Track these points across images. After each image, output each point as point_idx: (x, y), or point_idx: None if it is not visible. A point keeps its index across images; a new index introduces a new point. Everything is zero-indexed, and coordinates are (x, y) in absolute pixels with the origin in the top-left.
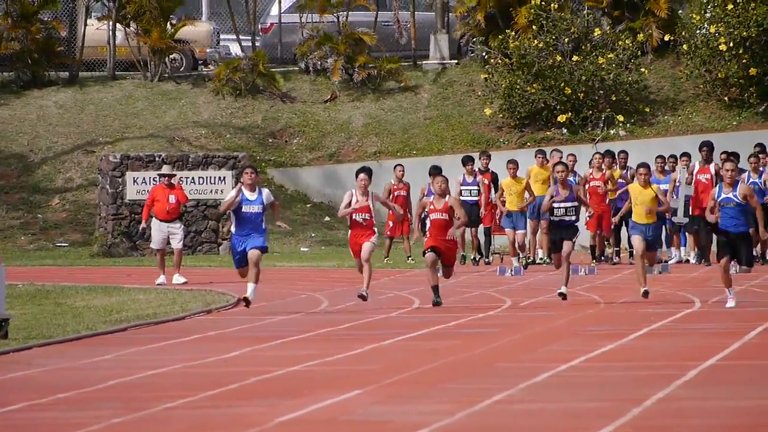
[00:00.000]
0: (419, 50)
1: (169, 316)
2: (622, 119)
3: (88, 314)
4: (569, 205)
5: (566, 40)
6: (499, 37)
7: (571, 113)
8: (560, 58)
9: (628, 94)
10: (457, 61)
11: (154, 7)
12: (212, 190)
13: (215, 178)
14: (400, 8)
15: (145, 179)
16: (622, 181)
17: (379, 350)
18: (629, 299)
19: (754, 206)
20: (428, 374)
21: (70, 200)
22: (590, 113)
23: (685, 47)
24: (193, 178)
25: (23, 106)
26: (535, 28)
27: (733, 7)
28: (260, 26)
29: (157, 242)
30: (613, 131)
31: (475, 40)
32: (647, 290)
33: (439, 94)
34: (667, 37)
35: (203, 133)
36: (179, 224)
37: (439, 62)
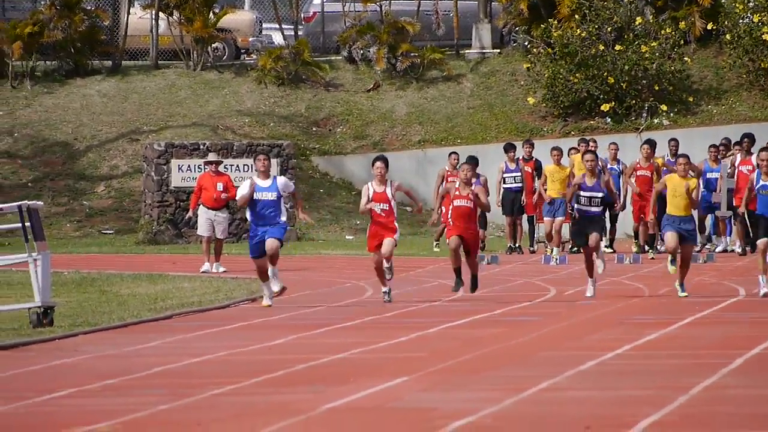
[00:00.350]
0: (462, 39)
1: (213, 304)
2: (665, 108)
3: (133, 302)
4: (594, 194)
5: (609, 29)
6: (541, 26)
7: (614, 102)
8: (603, 47)
9: (671, 83)
10: (499, 50)
11: None
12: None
13: None
14: None
15: (189, 167)
16: (665, 169)
17: (423, 338)
18: (673, 288)
19: None
20: (473, 362)
21: (115, 188)
22: (633, 102)
23: (728, 36)
24: (237, 166)
25: (67, 94)
26: (577, 17)
27: None
28: (303, 15)
29: (203, 229)
30: (656, 120)
31: (517, 29)
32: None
33: (482, 83)
34: (710, 26)
35: (247, 121)
36: (225, 213)
37: (481, 51)
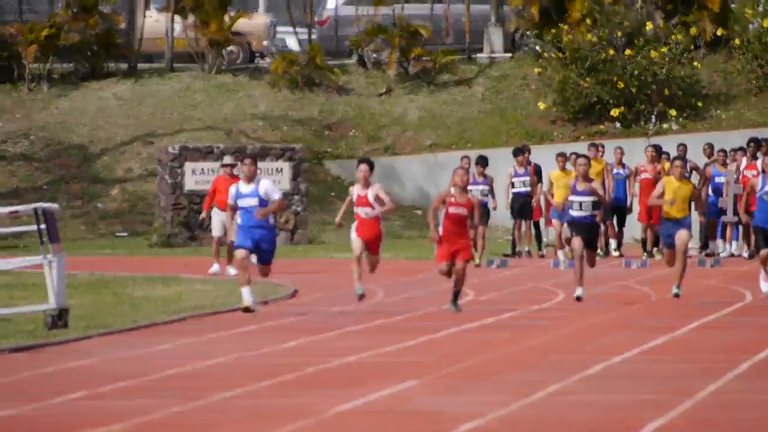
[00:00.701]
0: (474, 44)
1: (226, 306)
2: (674, 113)
3: (146, 304)
4: (585, 199)
5: (619, 34)
6: (552, 31)
7: (624, 107)
8: (613, 52)
9: (680, 88)
10: (510, 54)
11: None
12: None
13: (273, 169)
14: (456, 1)
15: (203, 170)
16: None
17: (433, 342)
18: (680, 292)
19: None
20: (482, 366)
21: (129, 190)
22: (643, 107)
23: (737, 42)
24: None
25: (83, 97)
26: (588, 22)
27: None
28: (316, 19)
29: (217, 229)
30: (665, 125)
31: (528, 34)
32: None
33: (493, 87)
34: (719, 31)
35: (260, 125)
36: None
37: (492, 56)
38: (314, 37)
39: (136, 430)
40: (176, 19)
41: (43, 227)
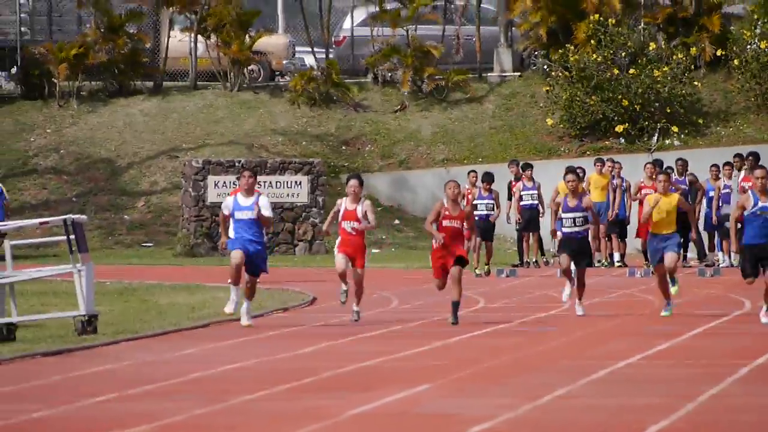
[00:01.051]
0: (484, 63)
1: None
2: (676, 130)
3: (172, 311)
4: (578, 215)
5: (623, 54)
6: (559, 51)
7: (628, 124)
8: (617, 71)
9: (682, 106)
10: (519, 73)
11: (233, 20)
12: (289, 194)
13: (292, 182)
14: (467, 23)
15: (225, 183)
16: (672, 188)
17: (446, 347)
18: (683, 300)
19: None
20: (493, 370)
21: (154, 203)
22: (646, 124)
23: (736, 62)
24: (270, 182)
25: (110, 113)
26: (593, 42)
27: None
28: (334, 39)
29: None
30: (668, 141)
31: (537, 53)
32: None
33: (503, 104)
34: (719, 52)
35: (280, 140)
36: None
37: (502, 75)
38: (331, 56)
39: (161, 431)
40: (200, 39)
41: (72, 238)
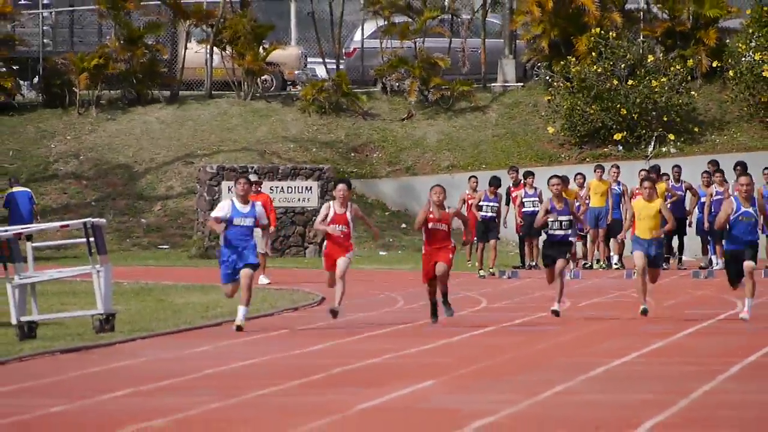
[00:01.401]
0: (489, 74)
1: (259, 312)
2: (672, 138)
3: (186, 310)
4: (563, 219)
5: (622, 65)
6: (561, 62)
7: (626, 132)
8: (617, 82)
9: (678, 115)
10: (522, 83)
11: (248, 32)
12: (300, 198)
13: (302, 187)
14: (473, 35)
15: None
16: (668, 194)
17: (450, 345)
18: (677, 301)
19: (764, 215)
20: (495, 367)
21: (170, 207)
22: (644, 132)
23: (731, 73)
24: (282, 187)
25: (129, 121)
26: (594, 54)
27: None
28: (344, 50)
29: None
30: (664, 149)
31: (539, 64)
32: (646, 308)
33: (506, 113)
34: (715, 63)
35: (292, 147)
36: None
37: (505, 85)
38: (342, 66)
39: (176, 425)
40: (215, 50)
41: (91, 240)
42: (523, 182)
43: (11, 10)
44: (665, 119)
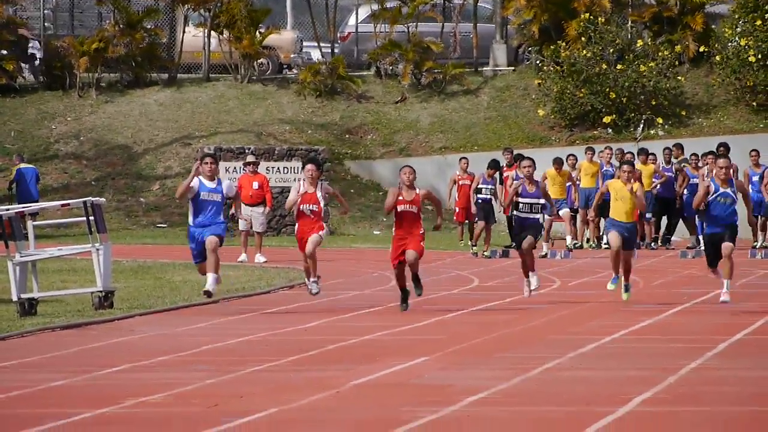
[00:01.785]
0: (481, 58)
1: (255, 290)
2: (660, 121)
3: (184, 288)
4: (534, 201)
5: (611, 50)
6: (551, 47)
7: (615, 115)
8: (606, 66)
9: (666, 98)
10: (513, 67)
11: (244, 16)
12: (295, 178)
13: (298, 168)
14: (465, 20)
15: (236, 168)
16: (657, 174)
17: (442, 322)
18: (665, 280)
19: (744, 193)
20: (486, 344)
21: (168, 186)
22: (632, 115)
23: (717, 58)
24: (278, 168)
25: (127, 103)
26: (583, 39)
27: (761, 22)
28: (339, 35)
29: (242, 223)
30: (652, 131)
31: (530, 49)
32: (616, 278)
33: (497, 96)
34: (702, 48)
35: (287, 128)
36: (261, 208)
37: (496, 68)
38: (337, 50)
39: (173, 399)
40: (212, 34)
41: (91, 219)
42: (515, 164)
43: None
44: (653, 103)
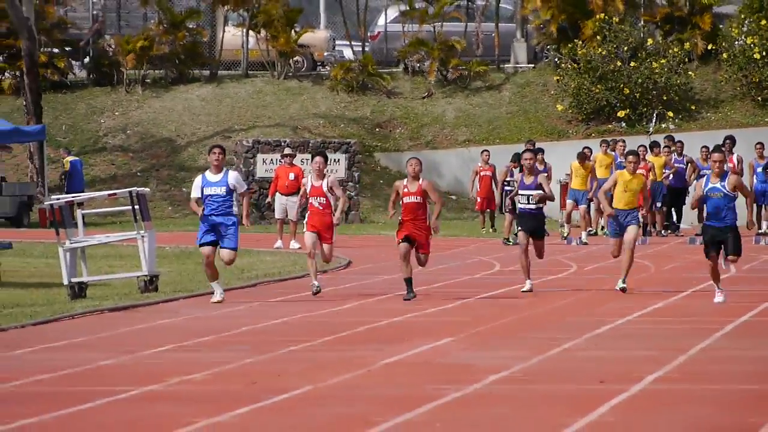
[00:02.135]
0: (502, 56)
1: (291, 274)
2: (671, 115)
3: (223, 272)
4: (533, 193)
5: (625, 48)
6: (568, 45)
7: (629, 110)
8: (620, 63)
9: (677, 94)
10: (533, 65)
11: (281, 17)
12: (328, 170)
13: (331, 160)
14: (487, 20)
15: (272, 160)
16: (668, 166)
17: (466, 305)
18: (675, 265)
19: (745, 196)
20: (508, 326)
21: None
22: (645, 110)
23: (725, 55)
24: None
25: (171, 99)
26: (599, 38)
27: (766, 22)
28: (369, 34)
29: (278, 212)
30: (664, 125)
31: (548, 47)
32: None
33: (518, 92)
34: (710, 46)
35: (321, 122)
36: (296, 198)
37: (517, 66)
38: (367, 49)
39: (213, 377)
40: (251, 33)
41: (136, 207)
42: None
43: None
44: (664, 98)
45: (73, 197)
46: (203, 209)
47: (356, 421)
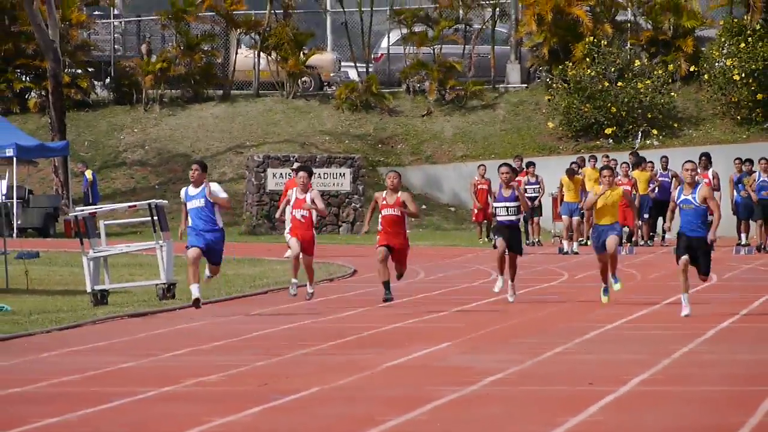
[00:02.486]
0: (497, 76)
1: (300, 282)
2: (656, 132)
3: (237, 280)
4: (510, 204)
5: (613, 69)
6: (559, 66)
7: (615, 127)
8: (608, 84)
9: (660, 112)
10: (526, 85)
11: (290, 39)
12: (334, 183)
13: (336, 173)
14: (484, 42)
15: (282, 174)
16: (653, 180)
17: (464, 312)
18: (660, 274)
19: (711, 212)
20: (502, 331)
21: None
22: (631, 127)
23: (706, 77)
24: (319, 173)
25: (187, 116)
26: (588, 60)
27: (744, 45)
28: (373, 56)
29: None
30: (648, 142)
31: (540, 69)
32: (609, 287)
33: (512, 111)
34: (692, 68)
35: (327, 139)
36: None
37: (511, 86)
38: (371, 70)
39: (228, 379)
40: (262, 55)
41: (155, 218)
42: (525, 171)
43: (86, 19)
44: (649, 116)
45: (95, 209)
46: (187, 223)
47: (361, 420)
